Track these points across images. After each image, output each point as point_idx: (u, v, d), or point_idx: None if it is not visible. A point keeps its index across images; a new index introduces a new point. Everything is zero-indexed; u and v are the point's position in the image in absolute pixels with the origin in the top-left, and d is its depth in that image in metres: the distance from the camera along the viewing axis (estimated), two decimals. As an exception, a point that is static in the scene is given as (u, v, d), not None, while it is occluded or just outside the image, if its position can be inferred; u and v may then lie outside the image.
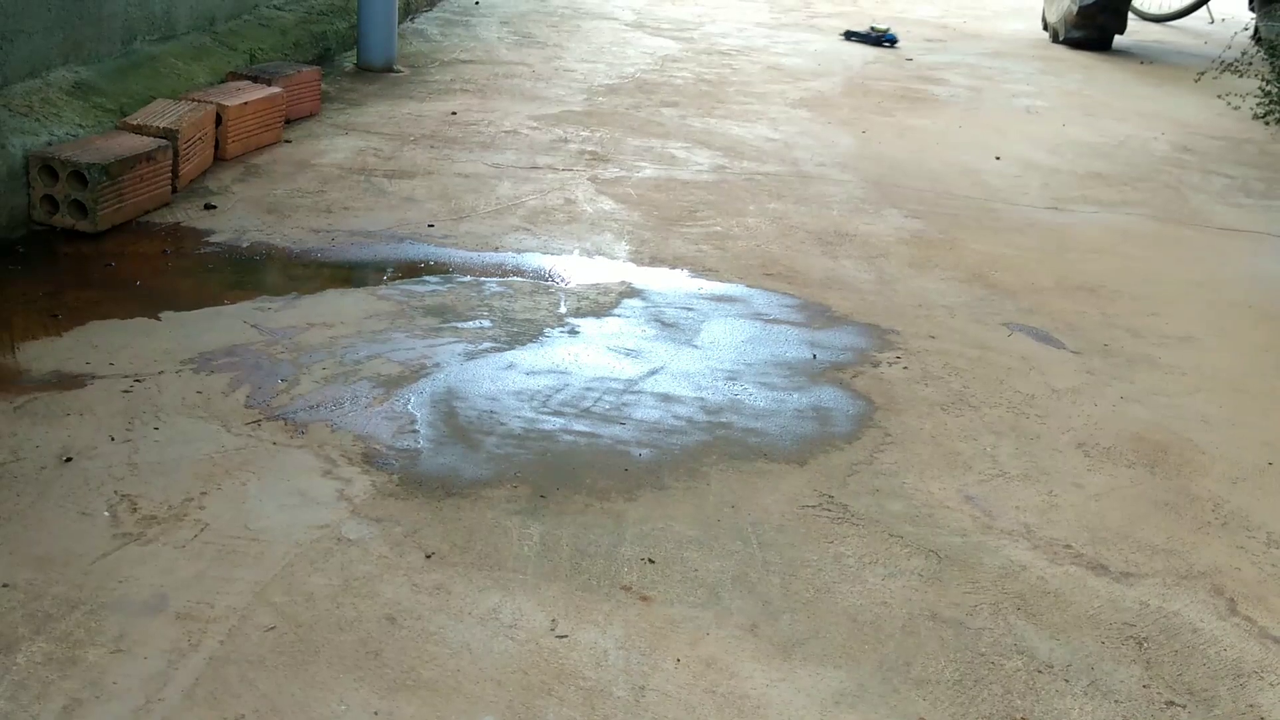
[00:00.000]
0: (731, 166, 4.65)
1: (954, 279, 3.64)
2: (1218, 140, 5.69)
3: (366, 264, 3.44)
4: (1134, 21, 8.59)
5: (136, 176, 3.55)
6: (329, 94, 5.16)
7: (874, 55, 7.27)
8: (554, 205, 4.03)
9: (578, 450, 2.49)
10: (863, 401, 2.80)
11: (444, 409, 2.62)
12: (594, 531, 2.21)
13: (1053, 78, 6.95)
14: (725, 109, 5.59)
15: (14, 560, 2.00)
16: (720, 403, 2.74)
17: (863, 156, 4.95)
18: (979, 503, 2.42)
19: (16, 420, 2.44)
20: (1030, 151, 5.23)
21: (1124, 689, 1.91)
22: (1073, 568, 2.22)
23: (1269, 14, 7.56)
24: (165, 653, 1.82)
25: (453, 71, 5.88)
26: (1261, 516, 2.45)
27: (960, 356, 3.08)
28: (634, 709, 1.78)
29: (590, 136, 4.90)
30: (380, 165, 4.29)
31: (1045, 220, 4.29)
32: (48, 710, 1.69)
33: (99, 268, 3.26)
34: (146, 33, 4.42)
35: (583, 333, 3.06)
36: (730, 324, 3.18)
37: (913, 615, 2.05)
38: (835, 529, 2.28)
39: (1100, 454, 2.65)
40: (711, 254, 3.68)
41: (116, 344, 2.80)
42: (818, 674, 1.89)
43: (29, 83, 3.72)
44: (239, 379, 2.68)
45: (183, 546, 2.07)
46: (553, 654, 1.89)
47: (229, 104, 4.15)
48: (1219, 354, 3.25)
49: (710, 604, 2.04)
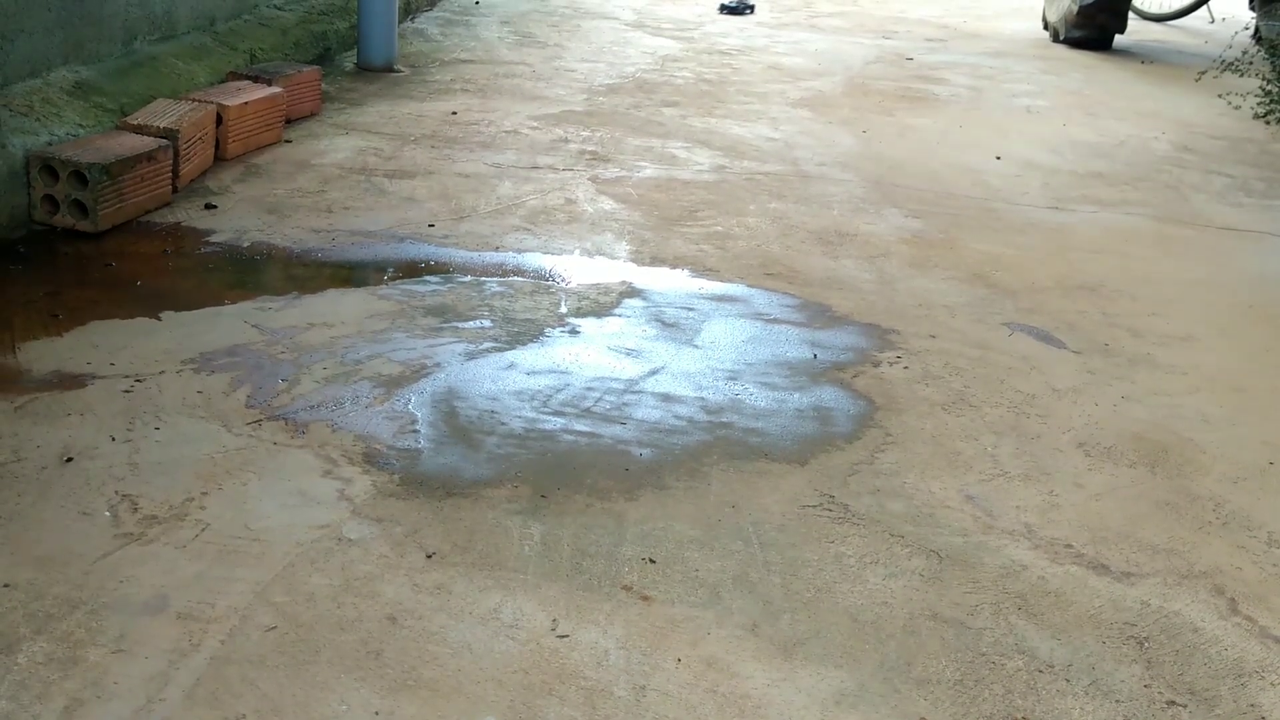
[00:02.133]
0: (732, 166, 4.65)
1: (954, 279, 3.64)
2: (1218, 140, 5.69)
3: (367, 264, 3.44)
4: (1134, 21, 8.59)
5: (137, 176, 3.55)
6: (329, 94, 5.16)
7: (874, 55, 7.27)
8: (554, 205, 4.03)
9: (578, 450, 2.49)
10: (863, 401, 2.80)
11: (445, 409, 2.62)
12: (595, 531, 2.21)
13: (1053, 77, 6.95)
14: (726, 109, 5.59)
15: (15, 560, 2.00)
16: (721, 402, 2.74)
17: (863, 156, 4.95)
18: (980, 502, 2.42)
19: (17, 420, 2.44)
20: (1031, 151, 5.23)
21: (1125, 689, 1.91)
22: (1074, 567, 2.22)
23: (1269, 13, 7.55)
24: (166, 653, 1.82)
25: (453, 71, 5.88)
26: (1262, 516, 2.45)
27: (961, 356, 3.08)
28: (635, 709, 1.78)
29: (591, 136, 4.90)
30: (381, 165, 4.29)
31: (1046, 220, 4.29)
32: (49, 710, 1.69)
33: (99, 268, 3.27)
34: (147, 32, 4.42)
35: (583, 332, 3.06)
36: (731, 324, 3.18)
37: (914, 615, 2.05)
38: (836, 529, 2.28)
39: (1101, 454, 2.65)
40: (712, 254, 3.68)
41: (117, 344, 2.80)
42: (819, 674, 1.89)
43: (29, 82, 3.72)
44: (239, 379, 2.68)
45: (183, 546, 2.07)
46: (554, 654, 1.89)
47: (229, 104, 4.15)
48: (1219, 354, 3.25)
49: (711, 604, 2.04)
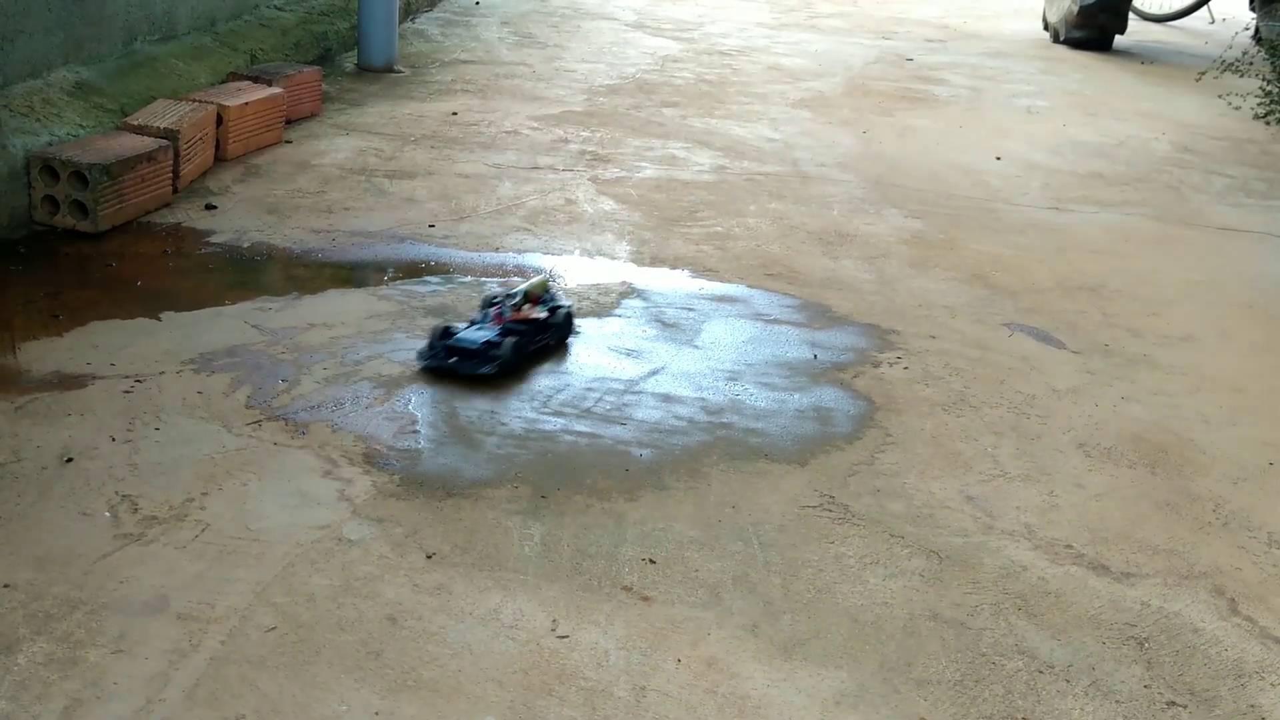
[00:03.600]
0: (732, 167, 4.65)
1: (954, 279, 3.64)
2: (1218, 140, 5.69)
3: (367, 264, 3.44)
4: (1134, 21, 8.58)
5: (137, 177, 3.55)
6: (330, 94, 5.16)
7: (874, 55, 7.27)
8: (554, 205, 4.03)
9: (579, 450, 2.49)
10: (863, 402, 2.80)
11: (445, 409, 2.62)
12: (595, 532, 2.21)
13: (1053, 78, 6.95)
14: (726, 109, 5.59)
15: (15, 560, 2.01)
16: (721, 403, 2.74)
17: (863, 156, 4.95)
18: (980, 503, 2.42)
19: (17, 420, 2.44)
20: (1031, 151, 5.23)
21: (1125, 689, 1.91)
22: (1074, 568, 2.22)
23: (1269, 14, 7.55)
24: (166, 653, 1.82)
25: (453, 72, 5.88)
26: (1262, 516, 2.45)
27: (961, 356, 3.08)
28: (635, 709, 1.78)
29: (591, 137, 4.90)
30: (381, 165, 4.29)
31: (1046, 220, 4.29)
32: (49, 711, 1.69)
33: (100, 268, 3.27)
34: (147, 33, 4.42)
35: (583, 333, 3.06)
36: (731, 324, 3.18)
37: (914, 615, 2.05)
38: (836, 529, 2.28)
39: (1101, 454, 2.65)
40: (712, 254, 3.68)
41: (117, 344, 2.80)
42: (819, 674, 1.89)
43: (30, 83, 3.72)
44: (240, 379, 2.68)
45: (183, 547, 2.07)
46: (554, 654, 1.89)
47: (230, 104, 4.15)
48: (1219, 354, 3.25)
49: (711, 604, 2.04)
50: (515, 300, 2.93)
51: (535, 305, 2.95)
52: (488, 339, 2.78)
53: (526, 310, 2.92)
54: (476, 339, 2.77)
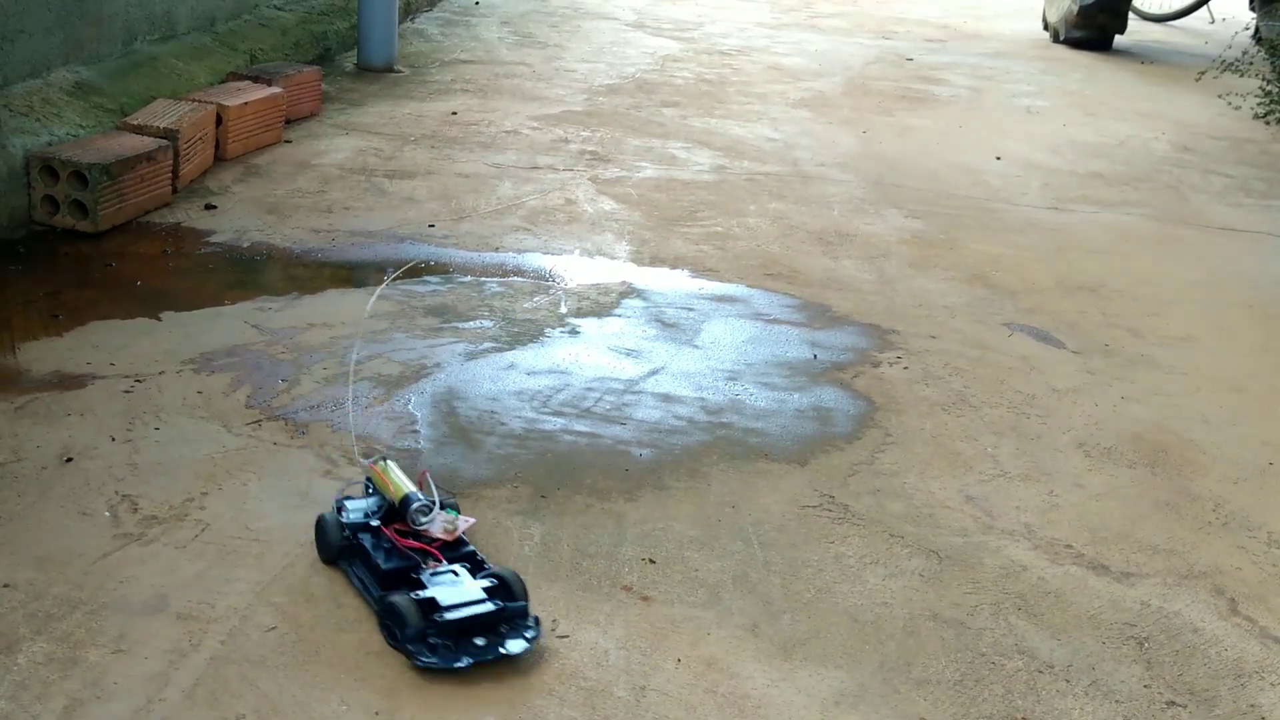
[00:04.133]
0: (732, 166, 4.65)
1: (954, 279, 3.64)
2: (1218, 140, 5.69)
3: (367, 264, 3.44)
4: (1134, 21, 8.58)
5: (137, 176, 3.55)
6: (329, 94, 5.15)
7: (874, 55, 7.27)
8: (554, 205, 4.03)
9: (578, 450, 2.49)
10: (863, 401, 2.80)
11: (444, 409, 2.62)
12: (595, 532, 2.21)
13: (1053, 78, 6.95)
14: (726, 109, 5.59)
15: (14, 560, 2.00)
16: (721, 403, 2.74)
17: (863, 156, 4.95)
18: (980, 503, 2.42)
19: (17, 420, 2.44)
20: (1031, 151, 5.23)
21: (1125, 689, 1.91)
22: (1073, 568, 2.22)
23: (1269, 14, 7.55)
24: (166, 653, 1.82)
25: (453, 71, 5.88)
26: (1262, 516, 2.45)
27: (961, 356, 3.08)
28: (635, 709, 1.78)
29: (591, 136, 4.90)
30: (381, 165, 4.29)
31: (1046, 220, 4.29)
32: (48, 710, 1.69)
33: (99, 268, 3.26)
34: (147, 33, 4.42)
35: (583, 333, 3.06)
36: (731, 324, 3.18)
37: (913, 615, 2.05)
38: (836, 529, 2.28)
39: (1101, 454, 2.65)
40: (712, 254, 3.68)
41: (117, 344, 2.80)
42: (818, 674, 1.89)
43: (29, 83, 3.72)
44: (240, 379, 2.68)
45: (183, 546, 2.07)
46: (553, 654, 1.89)
47: (229, 104, 4.15)
48: (1219, 354, 3.25)
49: (711, 604, 2.04)
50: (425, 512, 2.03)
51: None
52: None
53: (440, 527, 2.02)
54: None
